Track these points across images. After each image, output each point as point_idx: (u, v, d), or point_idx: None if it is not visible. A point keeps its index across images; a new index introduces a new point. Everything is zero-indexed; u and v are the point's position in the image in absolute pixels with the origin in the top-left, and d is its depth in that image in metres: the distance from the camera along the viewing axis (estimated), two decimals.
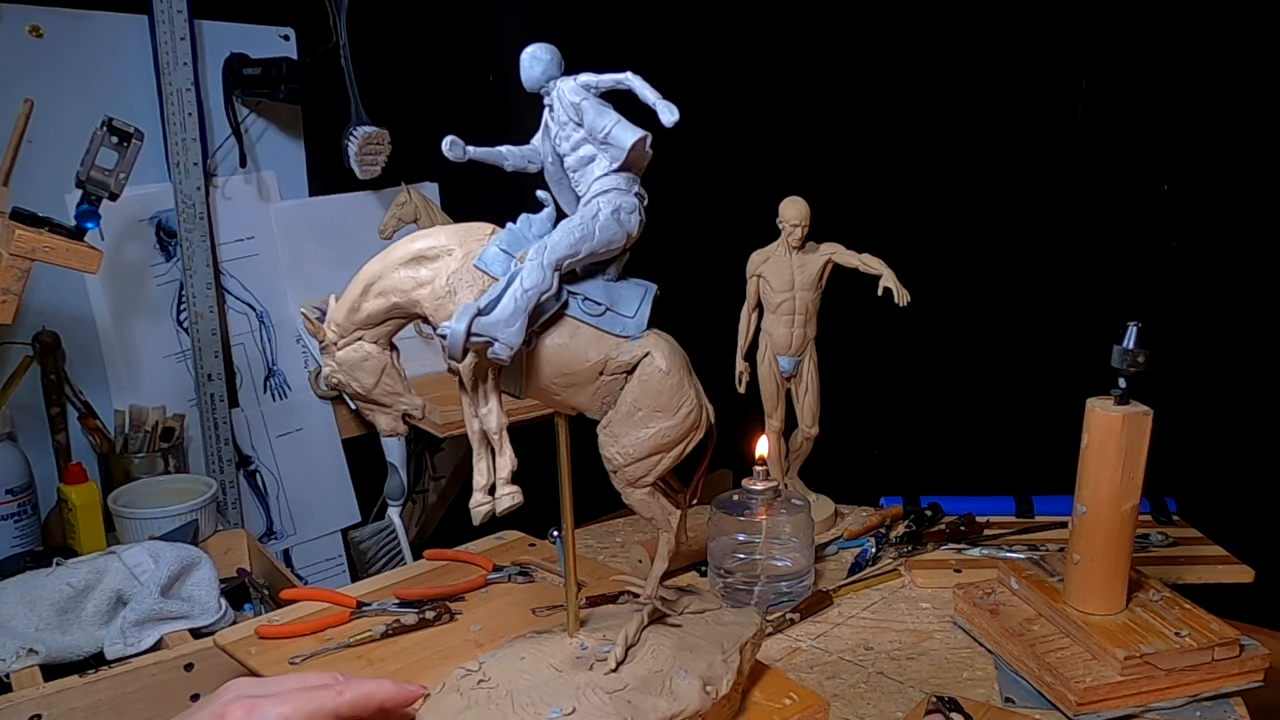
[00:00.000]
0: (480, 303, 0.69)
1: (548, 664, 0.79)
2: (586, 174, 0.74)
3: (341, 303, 0.75)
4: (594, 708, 0.74)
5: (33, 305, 1.49)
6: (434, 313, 0.73)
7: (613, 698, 0.75)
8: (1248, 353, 1.72)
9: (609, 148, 0.73)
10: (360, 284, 0.74)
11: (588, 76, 0.72)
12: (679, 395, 0.78)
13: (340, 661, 0.97)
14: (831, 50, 2.12)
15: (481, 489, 0.75)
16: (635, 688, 0.77)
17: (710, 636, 0.85)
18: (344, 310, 0.75)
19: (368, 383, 0.77)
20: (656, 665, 0.80)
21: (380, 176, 1.73)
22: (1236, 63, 1.69)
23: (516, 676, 0.77)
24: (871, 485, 1.44)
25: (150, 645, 1.17)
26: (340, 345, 0.76)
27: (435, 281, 0.73)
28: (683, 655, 0.82)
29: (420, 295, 0.73)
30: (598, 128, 0.72)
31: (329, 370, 0.78)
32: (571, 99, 0.72)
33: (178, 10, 1.56)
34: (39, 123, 1.28)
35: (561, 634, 0.83)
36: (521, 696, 0.74)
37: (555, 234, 0.72)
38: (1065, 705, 0.90)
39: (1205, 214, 1.76)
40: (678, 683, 0.78)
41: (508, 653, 0.81)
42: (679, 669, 0.80)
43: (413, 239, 0.75)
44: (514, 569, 1.15)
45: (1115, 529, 0.96)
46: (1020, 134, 1.93)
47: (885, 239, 1.31)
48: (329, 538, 1.88)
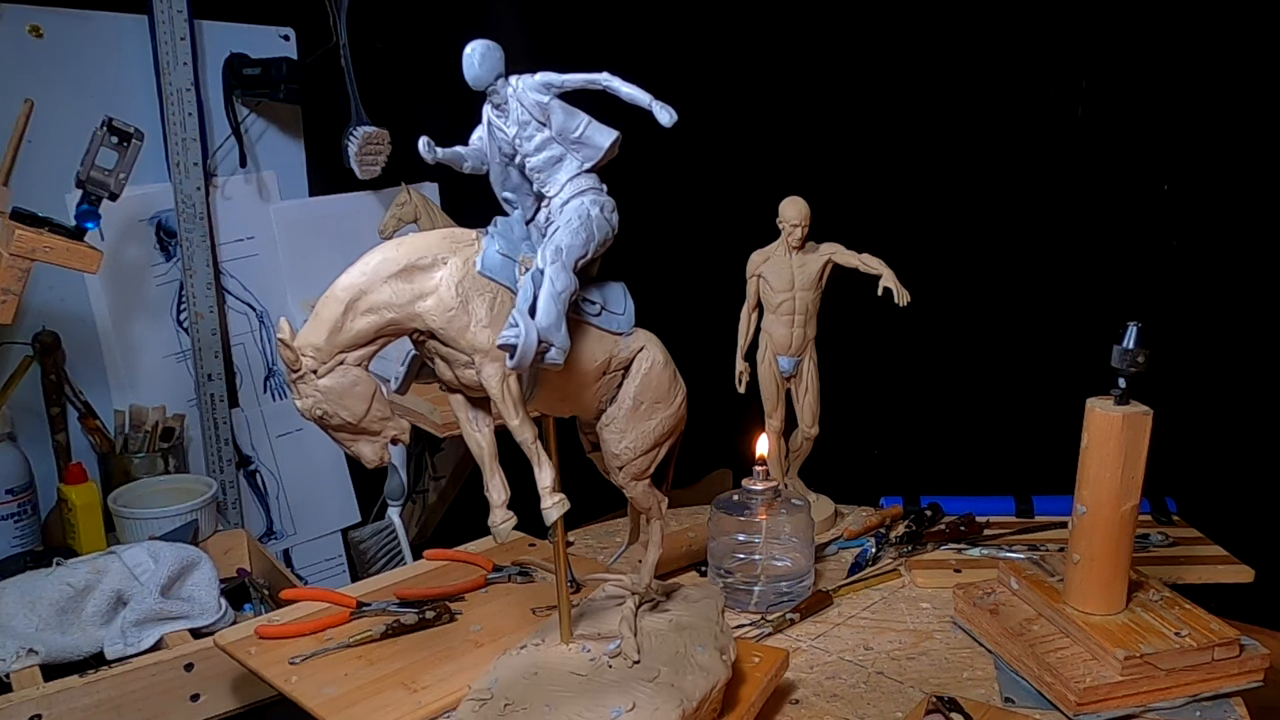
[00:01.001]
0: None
1: (568, 672, 0.79)
2: (555, 175, 0.72)
3: (317, 324, 0.69)
4: (649, 698, 0.75)
5: (33, 305, 1.49)
6: (446, 325, 0.69)
7: (657, 686, 0.77)
8: (1248, 353, 1.72)
9: (582, 148, 0.71)
10: (339, 302, 0.69)
11: (549, 76, 0.70)
12: (674, 385, 0.80)
13: (340, 661, 0.97)
14: (832, 50, 2.12)
15: (500, 505, 0.73)
16: (669, 672, 0.78)
17: (694, 612, 0.87)
18: (323, 332, 0.68)
19: (359, 410, 0.70)
20: (670, 648, 0.82)
21: (380, 176, 1.73)
22: (1236, 63, 1.69)
23: (543, 692, 0.76)
24: (871, 485, 1.44)
25: (150, 645, 1.17)
26: (321, 372, 0.69)
27: (440, 292, 0.69)
28: (685, 633, 0.83)
29: (424, 308, 0.69)
30: (569, 128, 0.71)
31: (310, 402, 0.69)
32: (536, 98, 0.70)
33: (178, 10, 1.56)
34: (39, 123, 1.28)
35: (555, 643, 0.82)
36: (566, 708, 0.74)
37: (561, 235, 0.71)
38: (1065, 705, 0.90)
39: (1205, 214, 1.76)
40: (700, 658, 0.81)
41: (512, 672, 0.79)
42: (693, 646, 0.82)
43: (388, 250, 0.70)
44: (514, 569, 1.15)
45: (1115, 529, 0.96)
46: (1020, 134, 1.93)
47: (885, 239, 1.31)
48: (329, 538, 1.88)
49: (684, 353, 0.84)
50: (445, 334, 0.70)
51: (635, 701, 0.75)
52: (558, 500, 0.72)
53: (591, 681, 0.77)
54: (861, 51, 2.09)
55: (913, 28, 2.03)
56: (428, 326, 0.70)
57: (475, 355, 0.71)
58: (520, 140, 0.72)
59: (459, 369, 0.72)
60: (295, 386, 0.69)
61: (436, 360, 0.73)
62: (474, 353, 0.70)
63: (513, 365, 0.66)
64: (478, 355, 0.70)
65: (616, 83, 0.70)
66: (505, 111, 0.71)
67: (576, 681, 0.77)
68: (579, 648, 0.82)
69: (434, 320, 0.70)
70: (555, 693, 0.76)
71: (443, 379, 0.74)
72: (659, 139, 0.73)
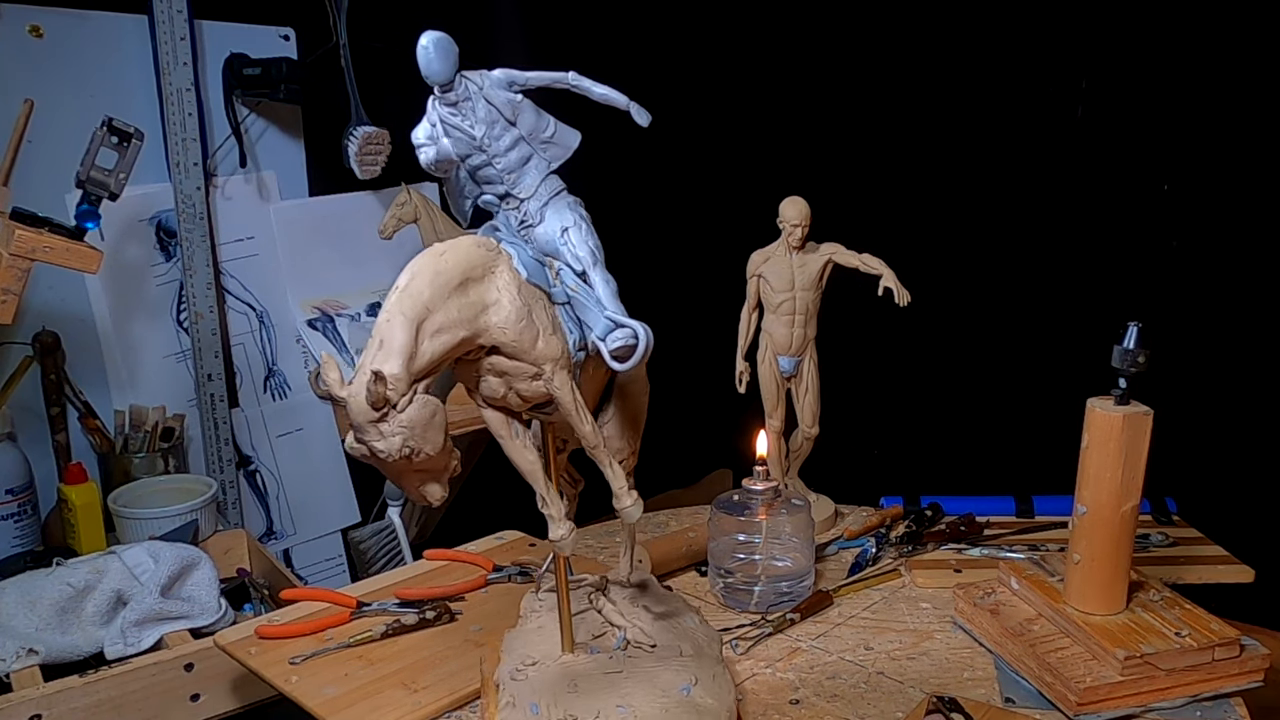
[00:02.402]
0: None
1: (602, 674, 0.79)
2: (525, 175, 0.70)
3: (388, 352, 0.61)
4: (697, 670, 0.78)
5: (33, 305, 1.49)
6: (519, 337, 0.64)
7: (700, 659, 0.79)
8: (1248, 353, 1.72)
9: (550, 148, 0.69)
10: (406, 324, 0.61)
11: (511, 73, 0.67)
12: (644, 372, 0.80)
13: (340, 661, 0.97)
14: (832, 50, 2.12)
15: (562, 517, 0.72)
16: (691, 645, 0.81)
17: (657, 593, 0.90)
18: (399, 360, 0.60)
19: (439, 441, 0.63)
20: (663, 624, 0.83)
21: (380, 176, 1.73)
22: (1236, 63, 1.69)
23: (597, 697, 0.76)
24: (871, 485, 1.44)
25: (150, 645, 1.17)
26: (401, 405, 0.60)
27: (504, 303, 0.65)
28: (653, 605, 0.86)
29: (491, 321, 0.64)
30: (541, 128, 0.68)
31: (397, 441, 0.60)
32: (507, 96, 0.67)
33: (178, 10, 1.56)
34: (39, 123, 1.28)
35: (558, 658, 0.81)
36: (637, 700, 0.75)
37: (585, 237, 0.69)
38: (1065, 705, 0.90)
39: (1205, 214, 1.76)
40: (692, 623, 0.84)
41: (548, 693, 0.76)
42: (679, 615, 0.85)
43: (436, 263, 0.64)
44: (514, 569, 1.15)
45: (1115, 529, 0.96)
46: (1020, 134, 1.93)
47: (885, 239, 1.31)
48: (329, 538, 1.88)
49: (684, 353, 0.84)
50: (517, 347, 0.65)
51: (695, 676, 0.77)
52: (636, 497, 0.72)
53: (631, 674, 0.78)
54: (862, 51, 2.09)
55: (913, 27, 2.03)
56: (496, 341, 0.65)
57: (546, 365, 0.67)
58: (489, 140, 0.68)
59: (520, 382, 0.68)
60: (373, 428, 0.60)
61: (488, 377, 0.68)
62: (545, 362, 0.67)
63: (628, 368, 0.65)
64: (548, 365, 0.67)
65: (587, 83, 0.67)
66: (466, 110, 0.67)
67: (619, 679, 0.77)
68: (587, 653, 0.81)
69: (506, 333, 0.65)
70: (610, 693, 0.76)
71: (486, 395, 0.69)
72: (659, 139, 0.73)
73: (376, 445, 0.60)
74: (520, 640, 0.84)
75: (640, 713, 0.73)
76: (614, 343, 0.65)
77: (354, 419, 0.59)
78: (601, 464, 0.71)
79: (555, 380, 0.67)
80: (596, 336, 0.68)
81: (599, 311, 0.67)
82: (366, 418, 0.59)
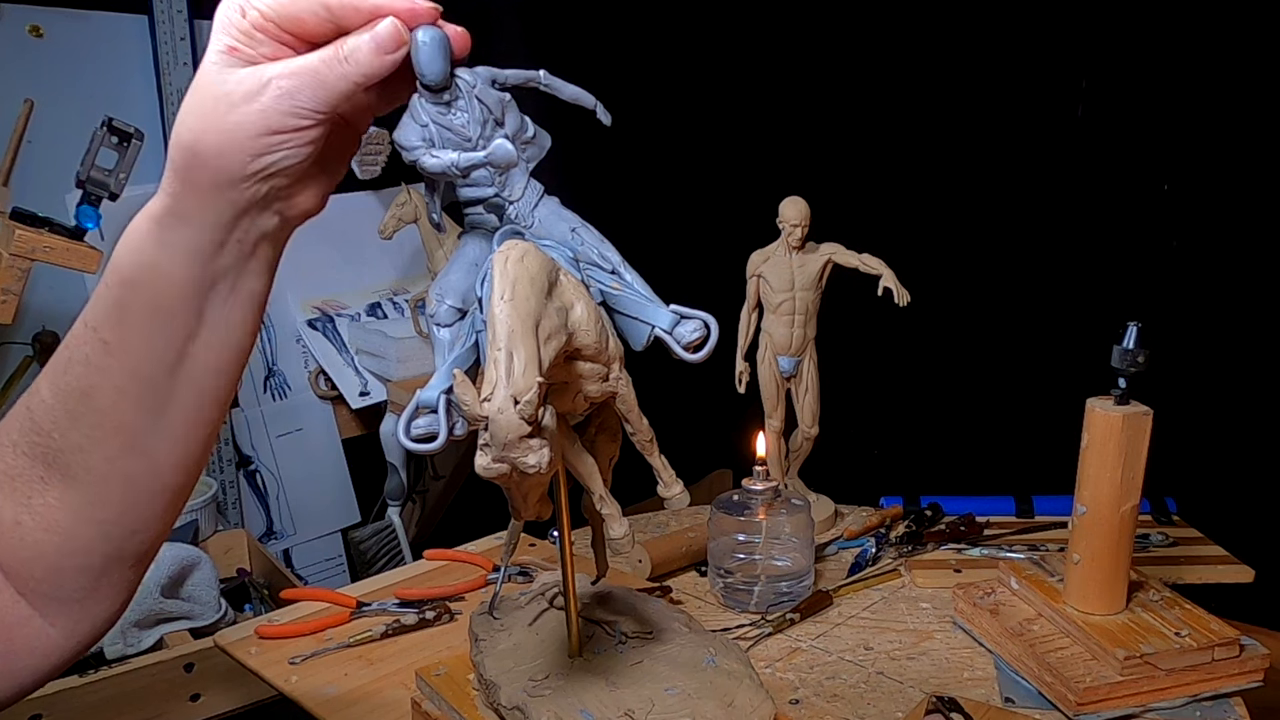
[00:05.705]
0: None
1: (626, 665, 0.79)
2: (513, 176, 0.68)
3: (524, 363, 0.57)
4: (711, 641, 0.81)
5: (33, 305, 1.49)
6: (599, 338, 0.63)
7: (700, 634, 0.82)
8: (1248, 353, 1.72)
9: (529, 148, 0.67)
10: (529, 333, 0.58)
11: (492, 71, 0.65)
12: None
13: (340, 661, 0.97)
14: (831, 50, 2.12)
15: (619, 515, 0.71)
16: (681, 624, 0.83)
17: (614, 592, 0.91)
18: (532, 370, 0.57)
19: (555, 453, 0.60)
20: (644, 612, 0.85)
21: (380, 176, 1.73)
22: (1236, 63, 1.68)
23: (639, 692, 0.75)
24: (871, 485, 1.44)
25: (150, 645, 1.18)
26: (543, 415, 0.57)
27: (580, 305, 0.64)
28: (621, 599, 0.88)
29: (575, 323, 0.63)
30: (522, 128, 0.66)
31: (545, 454, 0.57)
32: (498, 95, 0.65)
33: (178, 10, 1.56)
34: (39, 123, 1.28)
35: (569, 662, 0.80)
36: (682, 681, 0.76)
37: (599, 238, 0.69)
38: (1065, 705, 0.90)
39: (1205, 214, 1.76)
40: (658, 606, 0.87)
41: (593, 701, 0.75)
42: (647, 602, 0.88)
43: (523, 263, 0.60)
44: (514, 569, 1.15)
45: (1115, 529, 0.96)
46: (1020, 134, 1.93)
47: (885, 239, 1.31)
48: (329, 538, 1.88)
49: None
50: (596, 347, 0.64)
51: (710, 648, 0.79)
52: (682, 487, 0.72)
53: (654, 660, 0.78)
54: (861, 51, 2.09)
55: (912, 27, 2.03)
56: (582, 344, 0.64)
57: (615, 364, 0.66)
58: (483, 141, 0.65)
59: (591, 384, 0.66)
60: (523, 443, 0.56)
61: (564, 382, 0.66)
62: (614, 362, 0.66)
63: (701, 357, 0.64)
64: (616, 364, 0.66)
65: (558, 82, 0.66)
66: (461, 110, 0.64)
67: (646, 666, 0.78)
68: (593, 653, 0.81)
69: (590, 336, 0.63)
70: (648, 681, 0.76)
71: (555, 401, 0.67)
72: (658, 139, 0.73)
73: (528, 461, 0.56)
74: (506, 660, 0.80)
75: (689, 689, 0.74)
76: (692, 334, 0.64)
77: (500, 437, 0.55)
78: (650, 455, 0.71)
79: (622, 378, 0.67)
80: (661, 330, 0.66)
81: (655, 306, 0.66)
82: (518, 434, 0.55)
